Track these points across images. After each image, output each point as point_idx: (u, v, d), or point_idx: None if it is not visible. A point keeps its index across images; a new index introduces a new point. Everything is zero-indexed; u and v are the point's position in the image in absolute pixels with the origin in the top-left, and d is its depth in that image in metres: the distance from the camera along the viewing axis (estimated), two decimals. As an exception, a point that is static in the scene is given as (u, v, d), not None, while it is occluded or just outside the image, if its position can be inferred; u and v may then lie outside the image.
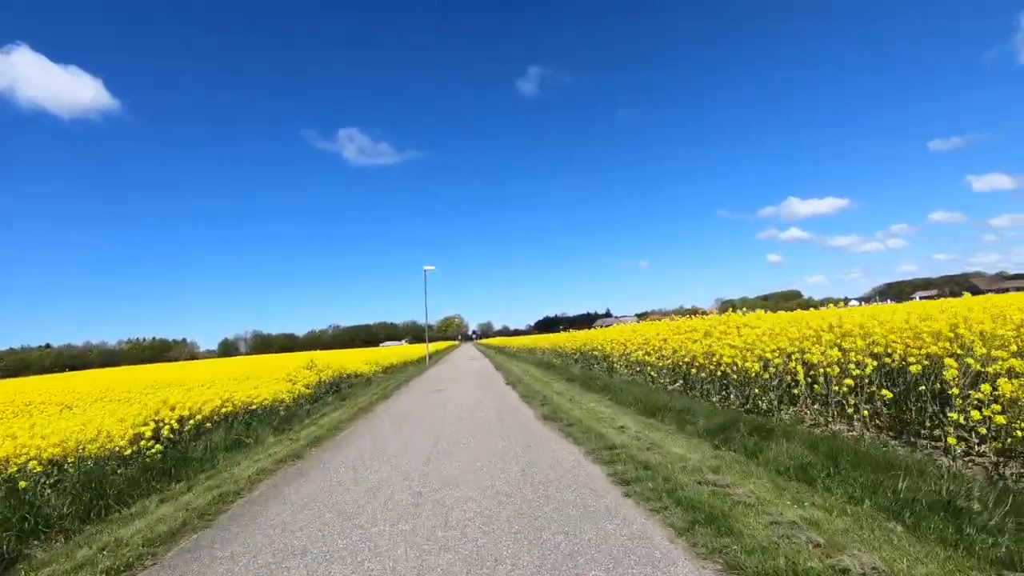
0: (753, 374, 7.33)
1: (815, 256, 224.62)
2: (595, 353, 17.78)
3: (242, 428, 9.42)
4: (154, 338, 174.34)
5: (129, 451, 7.26)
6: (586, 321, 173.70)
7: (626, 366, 14.98)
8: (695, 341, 10.24)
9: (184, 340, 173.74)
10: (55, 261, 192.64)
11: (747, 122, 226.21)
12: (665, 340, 12.51)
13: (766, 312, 14.89)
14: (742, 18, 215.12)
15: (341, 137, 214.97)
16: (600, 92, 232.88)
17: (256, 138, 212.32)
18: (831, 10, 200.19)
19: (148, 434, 7.76)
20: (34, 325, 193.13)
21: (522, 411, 9.80)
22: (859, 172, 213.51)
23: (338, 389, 16.77)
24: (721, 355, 8.47)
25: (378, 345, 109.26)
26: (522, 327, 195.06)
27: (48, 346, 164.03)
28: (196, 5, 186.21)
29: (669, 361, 11.60)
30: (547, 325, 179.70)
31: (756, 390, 7.62)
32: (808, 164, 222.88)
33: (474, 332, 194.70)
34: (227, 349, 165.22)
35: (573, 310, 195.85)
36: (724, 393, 8.84)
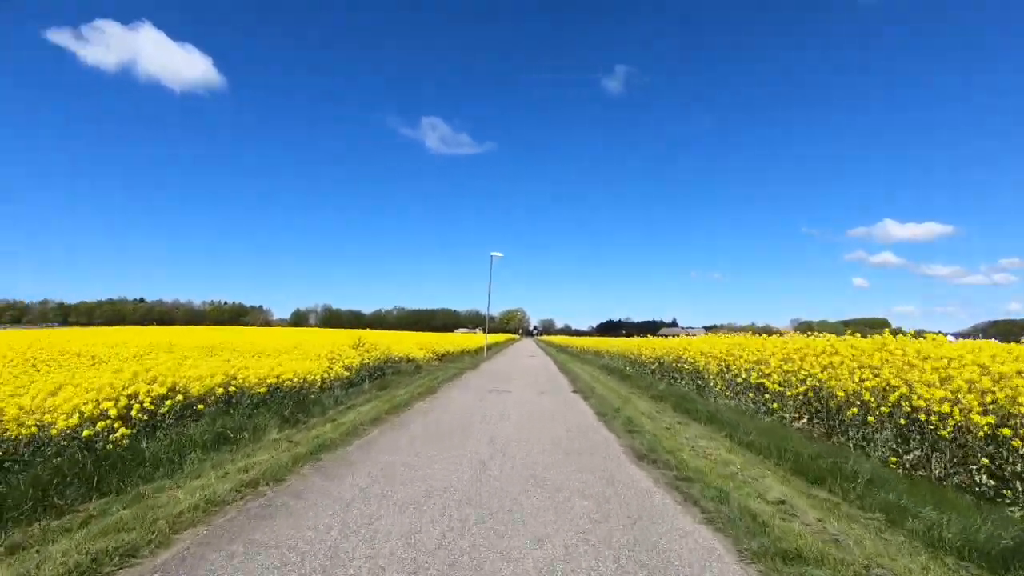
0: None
1: (907, 284, 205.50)
2: (683, 366, 14.79)
3: (243, 416, 7.39)
4: (234, 302, 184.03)
5: (86, 432, 5.38)
6: (650, 328, 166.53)
7: (724, 386, 12.01)
8: (860, 368, 7.16)
9: (260, 307, 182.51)
10: (153, 224, 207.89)
11: (844, 134, 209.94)
12: (791, 360, 9.47)
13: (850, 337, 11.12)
14: (845, 22, 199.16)
15: (424, 125, 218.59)
16: (685, 95, 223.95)
17: (343, 121, 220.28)
18: (951, 16, 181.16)
19: (113, 413, 5.84)
20: (132, 279, 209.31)
21: (601, 436, 7.17)
22: (969, 198, 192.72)
23: (382, 374, 14.78)
24: (920, 397, 5.48)
25: (451, 331, 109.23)
26: (583, 328, 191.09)
27: (142, 300, 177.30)
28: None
29: (801, 389, 8.60)
30: (609, 328, 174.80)
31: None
32: (911, 184, 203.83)
33: (535, 328, 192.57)
34: (298, 319, 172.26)
35: (637, 316, 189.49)
36: (921, 451, 5.79)
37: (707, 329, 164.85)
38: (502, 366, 21.05)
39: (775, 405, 9.04)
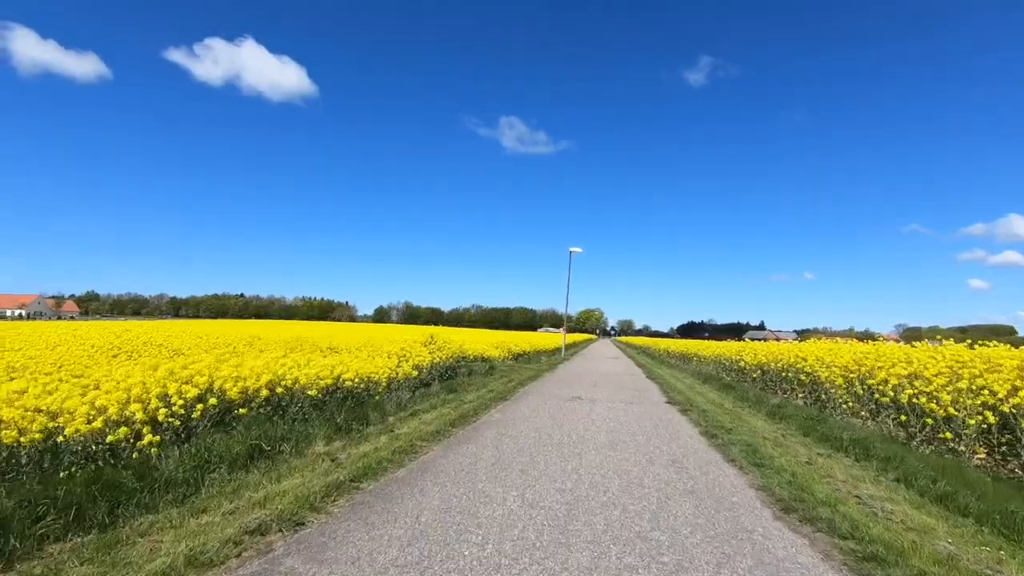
0: None
1: None
2: (799, 376, 12.59)
3: (291, 423, 6.45)
4: (322, 298, 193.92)
5: (112, 437, 4.62)
6: (735, 331, 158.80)
7: (855, 403, 9.89)
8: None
9: (346, 303, 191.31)
10: (255, 224, 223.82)
11: (956, 123, 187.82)
12: (958, 375, 7.30)
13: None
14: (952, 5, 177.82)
15: (501, 124, 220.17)
16: (773, 87, 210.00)
17: (424, 122, 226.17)
18: None
19: (140, 417, 5.06)
20: (234, 275, 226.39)
21: (718, 471, 5.48)
22: None
23: (454, 374, 13.76)
24: None
25: (528, 330, 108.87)
26: (663, 329, 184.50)
27: (242, 295, 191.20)
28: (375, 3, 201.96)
29: (991, 418, 6.53)
30: (690, 330, 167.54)
31: None
32: None
33: (612, 328, 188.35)
34: (380, 316, 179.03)
35: (720, 318, 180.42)
36: None
37: (799, 333, 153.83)
38: (582, 368, 19.50)
39: (947, 434, 6.95)
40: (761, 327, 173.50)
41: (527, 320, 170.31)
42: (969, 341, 8.81)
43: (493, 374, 14.33)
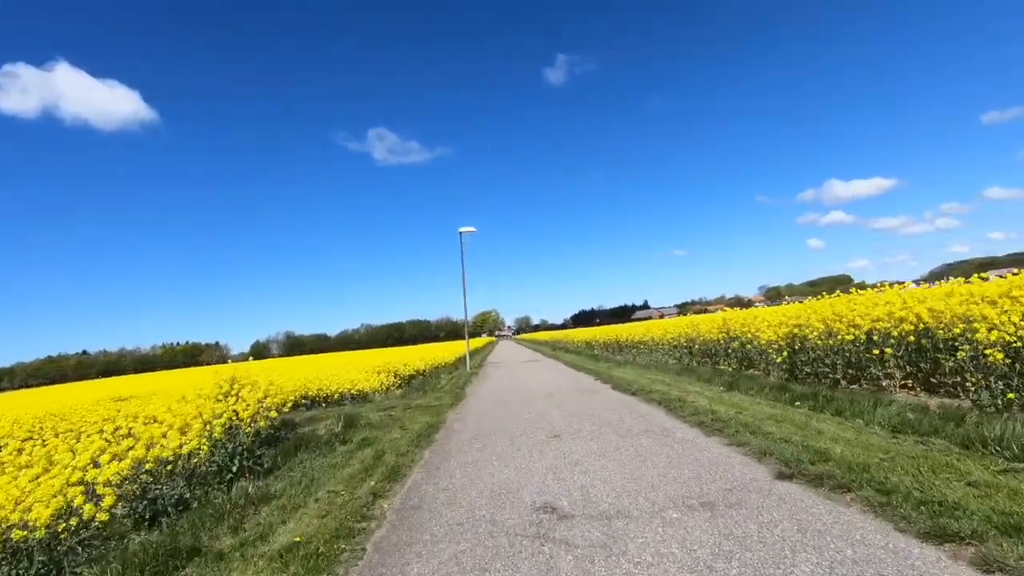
0: None
1: (859, 240, 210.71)
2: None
3: None
4: (187, 342, 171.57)
5: None
6: (623, 313, 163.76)
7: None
8: None
9: (217, 343, 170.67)
10: (89, 269, 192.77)
11: (785, 104, 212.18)
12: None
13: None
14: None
15: (371, 137, 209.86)
16: (630, 80, 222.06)
17: (286, 140, 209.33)
18: None
19: None
20: (69, 333, 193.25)
21: None
22: (907, 150, 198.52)
23: (275, 442, 8.03)
24: None
25: (428, 342, 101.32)
26: (558, 321, 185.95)
27: (85, 352, 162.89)
28: (222, 13, 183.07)
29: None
30: (583, 318, 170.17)
31: None
32: (851, 144, 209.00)
33: (509, 327, 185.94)
34: (259, 351, 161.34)
35: (609, 303, 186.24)
36: None
37: (679, 307, 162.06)
38: (506, 387, 14.27)
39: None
40: (646, 306, 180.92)
41: (422, 332, 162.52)
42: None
43: (351, 432, 8.57)
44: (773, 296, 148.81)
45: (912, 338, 7.57)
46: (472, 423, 8.17)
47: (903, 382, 7.89)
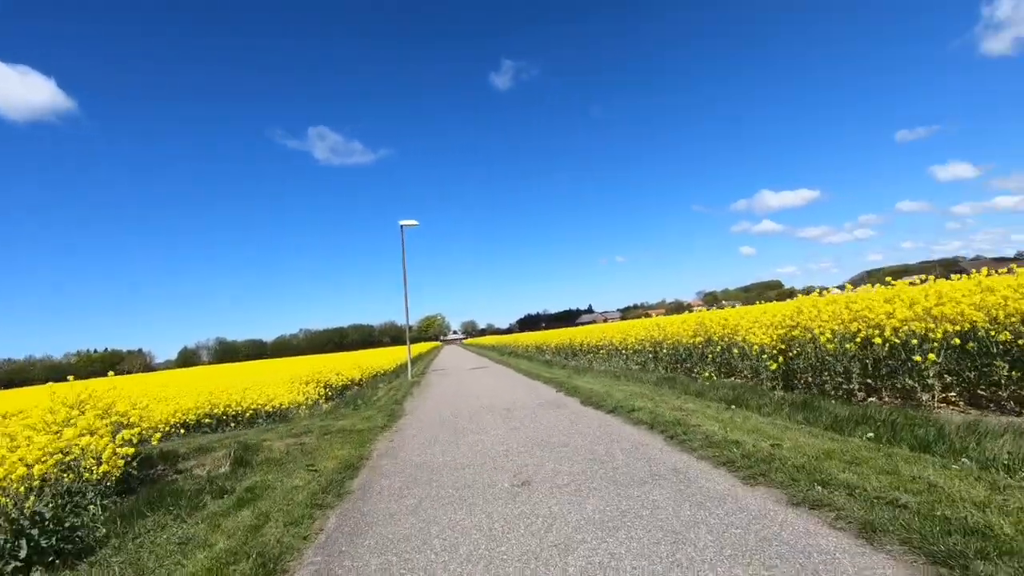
0: None
1: (787, 247, 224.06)
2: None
3: None
4: (106, 349, 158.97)
5: None
6: (568, 317, 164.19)
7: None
8: None
9: (140, 350, 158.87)
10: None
11: (719, 116, 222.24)
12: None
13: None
14: (711, 14, 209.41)
15: (311, 135, 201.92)
16: (573, 87, 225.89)
17: (219, 135, 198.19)
18: (797, 3, 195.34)
19: None
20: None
21: None
22: (829, 163, 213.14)
23: (125, 486, 5.76)
24: None
25: (370, 347, 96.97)
26: (504, 325, 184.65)
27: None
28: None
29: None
30: (528, 322, 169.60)
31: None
32: (780, 156, 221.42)
33: (455, 332, 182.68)
34: (187, 359, 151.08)
35: (553, 307, 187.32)
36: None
37: (622, 312, 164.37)
38: (448, 399, 12.20)
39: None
40: (590, 310, 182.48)
41: (365, 337, 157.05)
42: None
43: (239, 475, 6.32)
44: (710, 301, 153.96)
45: (957, 340, 6.15)
46: (406, 459, 6.08)
47: (943, 395, 6.46)
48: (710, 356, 11.22)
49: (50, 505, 4.66)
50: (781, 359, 8.52)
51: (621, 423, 6.82)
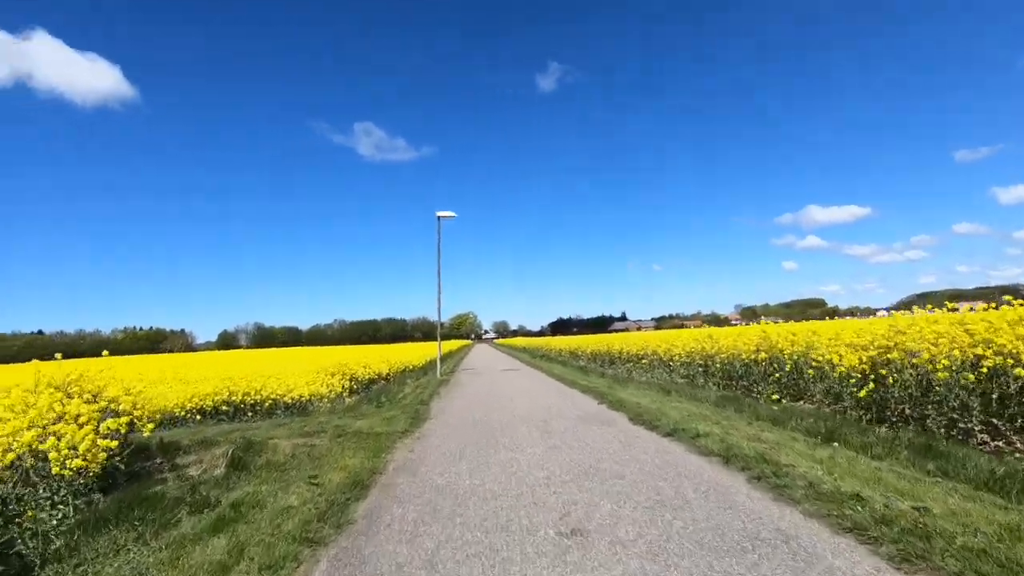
0: None
1: (832, 265, 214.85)
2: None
3: None
4: (151, 327, 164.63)
5: None
6: (601, 324, 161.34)
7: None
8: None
9: (182, 330, 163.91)
10: (54, 248, 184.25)
11: (766, 126, 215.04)
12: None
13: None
14: (764, 19, 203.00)
15: (357, 131, 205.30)
16: (616, 92, 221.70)
17: (267, 128, 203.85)
18: (858, 14, 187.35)
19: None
20: (28, 312, 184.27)
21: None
22: (882, 181, 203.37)
23: (114, 482, 4.92)
24: None
25: (401, 342, 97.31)
26: (535, 328, 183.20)
27: (40, 333, 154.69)
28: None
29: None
30: (561, 327, 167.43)
31: None
32: (830, 171, 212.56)
33: (486, 331, 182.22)
34: (226, 341, 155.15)
35: (586, 312, 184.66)
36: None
37: (656, 321, 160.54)
38: (478, 403, 11.20)
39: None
40: (624, 318, 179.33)
41: (397, 331, 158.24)
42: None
43: (230, 483, 5.41)
44: (749, 316, 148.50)
45: None
46: (426, 478, 5.08)
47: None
48: (776, 375, 9.88)
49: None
50: (872, 385, 7.18)
51: (684, 451, 5.65)
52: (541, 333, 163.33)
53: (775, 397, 9.10)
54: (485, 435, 7.14)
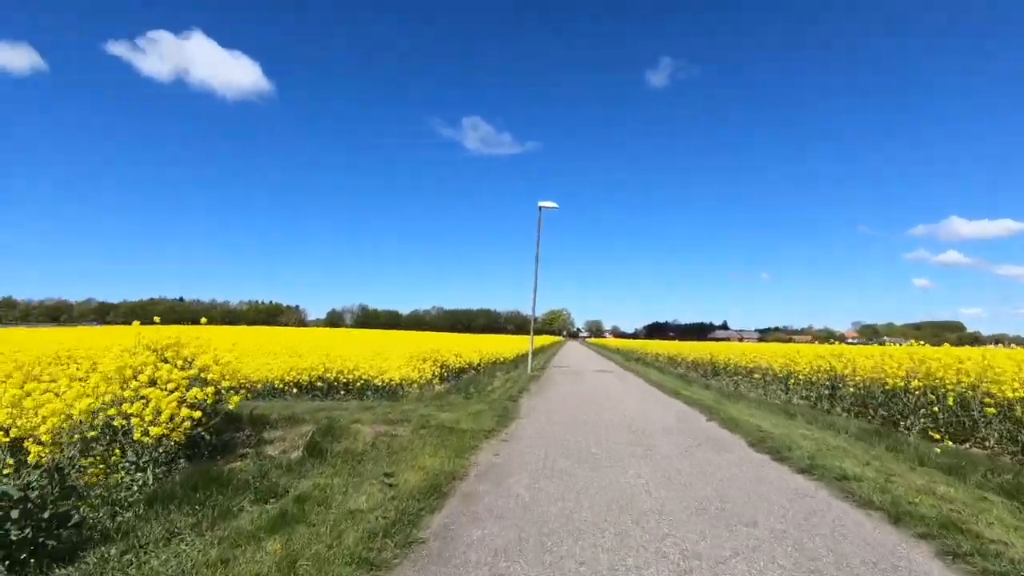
0: None
1: (976, 285, 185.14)
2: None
3: None
4: (270, 302, 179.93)
5: None
6: (699, 331, 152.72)
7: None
8: None
9: (297, 307, 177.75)
10: (196, 224, 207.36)
11: (905, 128, 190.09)
12: None
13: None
14: (904, 6, 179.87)
15: (465, 125, 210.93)
16: (733, 89, 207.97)
17: (384, 120, 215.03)
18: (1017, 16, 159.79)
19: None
20: (173, 280, 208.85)
21: None
22: None
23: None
24: None
25: (494, 333, 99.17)
26: (629, 330, 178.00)
27: (181, 299, 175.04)
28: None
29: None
30: (657, 331, 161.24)
31: None
32: (979, 180, 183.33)
33: (578, 329, 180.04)
34: (333, 319, 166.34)
35: (683, 318, 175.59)
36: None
37: (761, 333, 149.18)
38: (570, 404, 10.44)
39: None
40: (724, 327, 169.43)
41: (491, 322, 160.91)
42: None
43: (303, 471, 5.05)
44: (869, 334, 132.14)
45: None
46: (512, 492, 4.38)
47: None
48: (934, 409, 8.15)
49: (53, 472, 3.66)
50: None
51: (829, 496, 4.50)
52: (635, 335, 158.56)
53: (936, 436, 7.44)
54: (579, 444, 6.34)
